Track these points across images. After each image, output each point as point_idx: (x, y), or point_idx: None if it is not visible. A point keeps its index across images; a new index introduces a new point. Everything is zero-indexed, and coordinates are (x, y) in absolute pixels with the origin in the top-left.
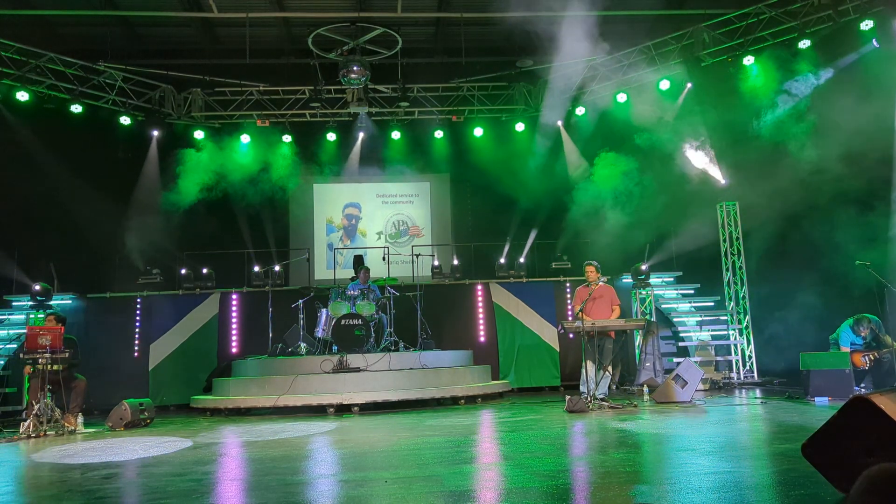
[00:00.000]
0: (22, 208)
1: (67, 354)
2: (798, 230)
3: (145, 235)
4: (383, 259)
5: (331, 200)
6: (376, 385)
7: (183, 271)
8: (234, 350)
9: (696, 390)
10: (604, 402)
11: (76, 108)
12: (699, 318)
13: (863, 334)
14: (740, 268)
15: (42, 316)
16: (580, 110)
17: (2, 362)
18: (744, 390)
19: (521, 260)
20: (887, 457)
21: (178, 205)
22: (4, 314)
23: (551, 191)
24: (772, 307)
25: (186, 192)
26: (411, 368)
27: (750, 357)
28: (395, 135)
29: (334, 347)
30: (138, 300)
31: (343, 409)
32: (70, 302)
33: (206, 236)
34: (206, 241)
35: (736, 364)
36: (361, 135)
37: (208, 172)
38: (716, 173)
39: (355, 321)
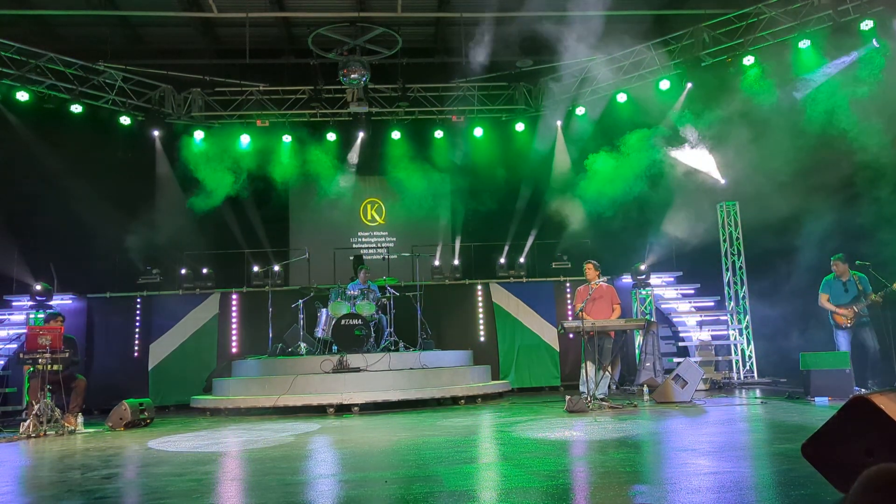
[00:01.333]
0: (22, 208)
1: (67, 354)
2: (798, 229)
3: (144, 235)
4: (383, 259)
5: (331, 200)
6: (376, 385)
7: (183, 271)
8: (234, 350)
9: (696, 390)
10: (604, 402)
11: (76, 108)
12: (699, 318)
13: (836, 271)
14: (740, 268)
15: (42, 316)
16: (580, 110)
17: (2, 362)
18: (744, 390)
19: (521, 260)
20: (887, 457)
21: (178, 205)
22: (4, 314)
23: (551, 190)
24: (772, 307)
25: (185, 193)
26: (411, 368)
27: (750, 357)
28: (395, 135)
29: (334, 347)
30: (138, 300)
31: (343, 409)
32: (70, 302)
33: (206, 236)
34: (205, 241)
35: (736, 364)
36: (361, 134)
37: (207, 173)
38: (716, 173)
39: (355, 321)
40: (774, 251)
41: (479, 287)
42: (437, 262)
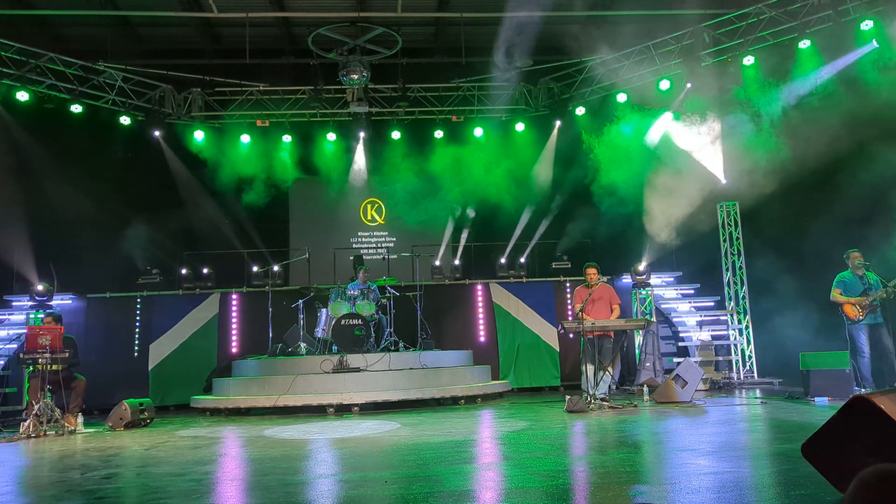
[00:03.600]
0: (21, 208)
1: (67, 354)
2: (799, 228)
3: (145, 235)
4: (383, 259)
5: (331, 200)
6: (376, 385)
7: (183, 271)
8: (234, 350)
9: (696, 390)
10: (604, 402)
11: (76, 108)
12: (699, 318)
13: (857, 260)
14: (740, 268)
15: (42, 316)
16: (580, 110)
17: (2, 362)
18: (744, 390)
19: (522, 260)
20: (887, 457)
21: (178, 205)
22: (4, 314)
23: (551, 190)
24: (772, 306)
25: (185, 193)
26: (411, 368)
27: (750, 357)
28: (396, 135)
29: (334, 347)
30: (138, 300)
31: (343, 409)
32: (70, 302)
33: (206, 236)
34: (205, 240)
35: (736, 364)
36: (362, 134)
37: (207, 172)
38: (716, 173)
39: (355, 321)
40: (775, 252)
41: (479, 287)
42: (437, 263)
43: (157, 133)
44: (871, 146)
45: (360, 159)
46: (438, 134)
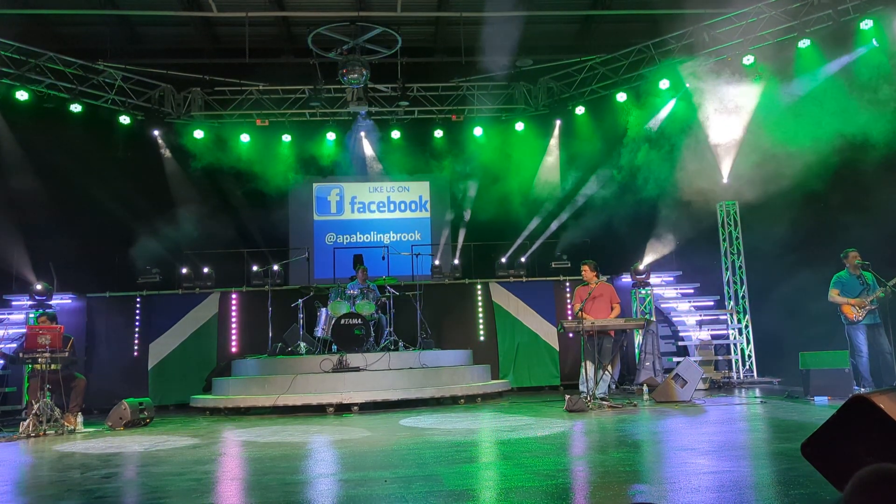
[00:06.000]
0: (21, 208)
1: (66, 354)
2: (799, 228)
3: (145, 234)
4: (383, 258)
5: (330, 200)
6: (376, 384)
7: (183, 271)
8: (233, 349)
9: (696, 390)
10: (604, 402)
11: (76, 108)
12: (699, 318)
13: (855, 260)
14: (740, 267)
15: (38, 316)
16: (580, 109)
17: (2, 362)
18: (743, 390)
19: (522, 259)
20: (887, 457)
21: (178, 204)
22: (4, 314)
23: (551, 190)
24: (771, 306)
25: (184, 192)
26: (411, 368)
27: (749, 356)
28: (395, 134)
29: (334, 347)
30: (138, 300)
31: (343, 409)
32: (70, 302)
33: (206, 235)
34: (205, 240)
35: (735, 363)
36: (362, 134)
37: (207, 172)
38: (716, 172)
39: (355, 321)
40: (774, 250)
41: (479, 287)
42: (437, 262)
43: (156, 132)
44: (873, 145)
45: (361, 158)
46: (438, 133)
